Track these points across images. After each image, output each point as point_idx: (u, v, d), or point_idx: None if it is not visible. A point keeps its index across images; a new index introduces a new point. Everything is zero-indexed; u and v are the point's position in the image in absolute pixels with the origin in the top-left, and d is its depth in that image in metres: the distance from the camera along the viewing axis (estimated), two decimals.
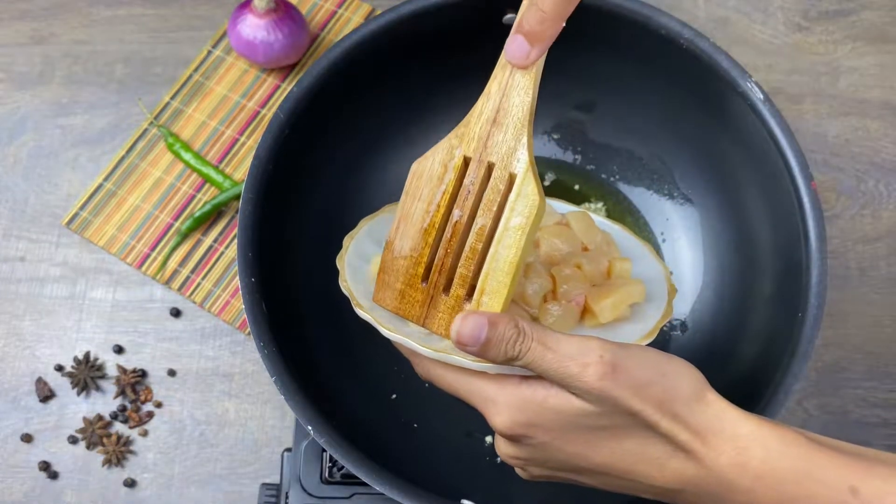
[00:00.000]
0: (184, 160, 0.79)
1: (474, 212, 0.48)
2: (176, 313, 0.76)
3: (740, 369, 0.62)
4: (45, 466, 0.72)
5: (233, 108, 0.82)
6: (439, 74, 0.67)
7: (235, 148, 0.81)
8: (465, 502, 0.53)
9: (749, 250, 0.65)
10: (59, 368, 0.74)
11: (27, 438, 0.72)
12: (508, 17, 0.62)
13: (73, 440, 0.72)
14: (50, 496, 0.71)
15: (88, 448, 0.72)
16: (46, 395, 0.74)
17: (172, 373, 0.74)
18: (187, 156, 0.79)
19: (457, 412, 0.54)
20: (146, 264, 0.77)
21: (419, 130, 0.71)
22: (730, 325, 0.66)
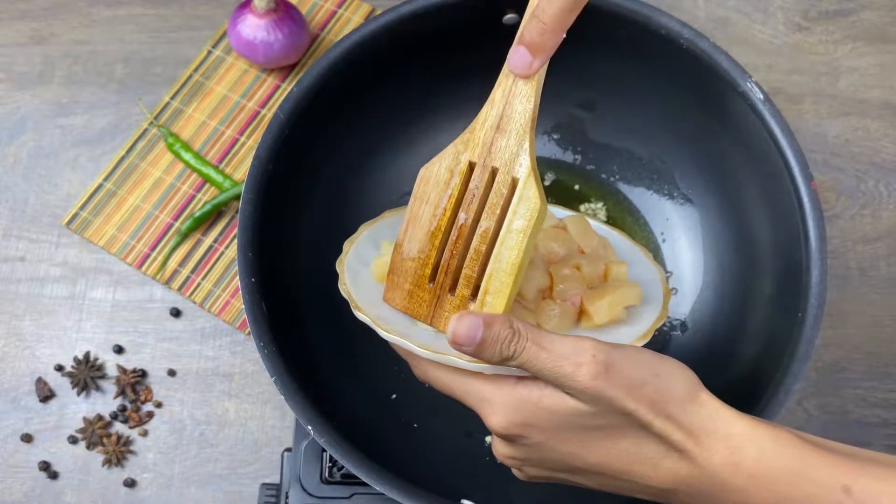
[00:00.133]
0: (184, 160, 0.79)
1: (479, 215, 0.50)
2: (176, 313, 0.76)
3: (740, 369, 0.62)
4: (45, 466, 0.72)
5: (233, 108, 0.82)
6: (439, 74, 0.67)
7: (235, 148, 0.81)
8: (465, 502, 0.53)
9: (749, 250, 0.65)
10: (59, 368, 0.74)
11: (27, 438, 0.72)
12: (508, 17, 0.62)
13: (73, 440, 0.72)
14: (50, 496, 0.71)
15: (88, 448, 0.72)
16: (46, 395, 0.74)
17: (172, 373, 0.74)
18: (187, 156, 0.79)
19: (457, 412, 0.54)
20: (146, 264, 0.77)
21: (419, 130, 0.71)
22: (730, 325, 0.66)
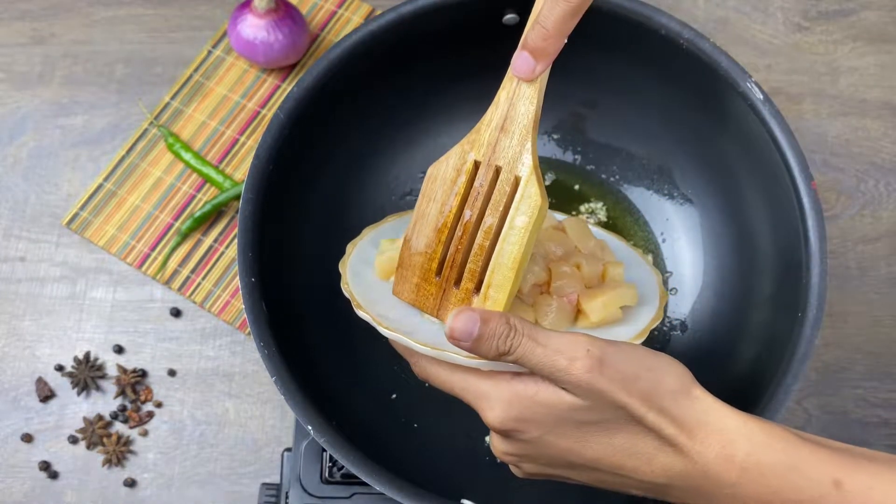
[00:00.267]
0: (184, 160, 0.79)
1: (483, 212, 0.51)
2: (176, 313, 0.76)
3: (740, 369, 0.62)
4: (46, 466, 0.72)
5: (233, 109, 0.82)
6: (439, 74, 0.67)
7: (235, 148, 0.81)
8: (465, 502, 0.53)
9: (749, 250, 0.65)
10: (60, 368, 0.74)
11: (27, 438, 0.72)
12: (508, 18, 0.62)
13: (74, 440, 0.72)
14: (50, 496, 0.71)
15: (88, 448, 0.72)
16: (46, 395, 0.74)
17: (172, 373, 0.74)
18: (187, 156, 0.79)
19: (457, 412, 0.54)
20: (146, 264, 0.77)
21: (419, 131, 0.71)
22: (730, 325, 0.66)
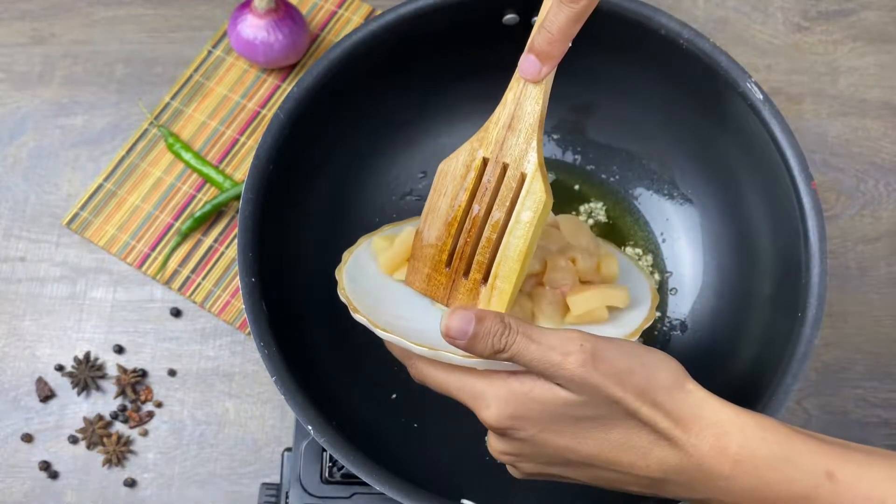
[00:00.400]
0: (184, 160, 0.79)
1: (491, 206, 0.54)
2: (176, 313, 0.76)
3: (740, 369, 0.62)
4: (46, 466, 0.72)
5: (233, 109, 0.82)
6: (439, 74, 0.67)
7: (235, 148, 0.81)
8: (465, 502, 0.53)
9: (749, 250, 0.65)
10: (60, 368, 0.74)
11: (27, 438, 0.72)
12: (508, 18, 0.62)
13: (74, 440, 0.72)
14: (50, 496, 0.71)
15: (89, 448, 0.72)
16: (46, 395, 0.74)
17: (172, 373, 0.74)
18: (187, 156, 0.79)
19: (457, 412, 0.54)
20: (146, 264, 0.77)
21: (419, 130, 0.71)
22: (730, 325, 0.66)
